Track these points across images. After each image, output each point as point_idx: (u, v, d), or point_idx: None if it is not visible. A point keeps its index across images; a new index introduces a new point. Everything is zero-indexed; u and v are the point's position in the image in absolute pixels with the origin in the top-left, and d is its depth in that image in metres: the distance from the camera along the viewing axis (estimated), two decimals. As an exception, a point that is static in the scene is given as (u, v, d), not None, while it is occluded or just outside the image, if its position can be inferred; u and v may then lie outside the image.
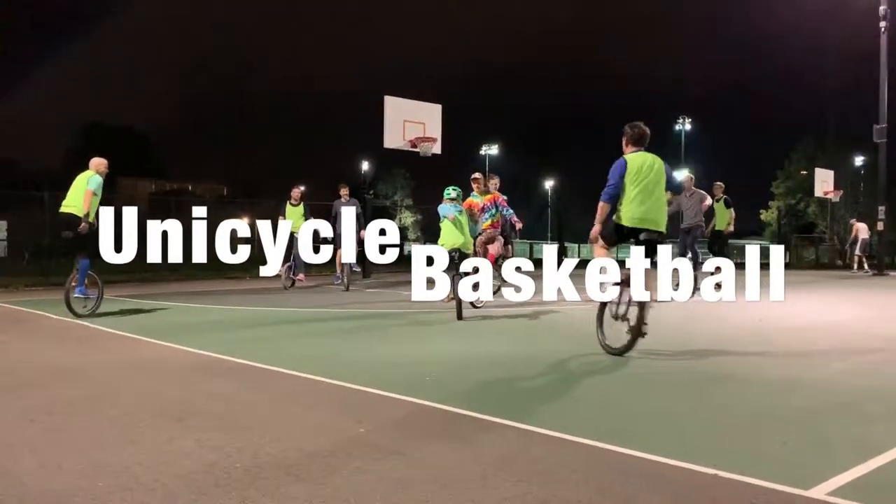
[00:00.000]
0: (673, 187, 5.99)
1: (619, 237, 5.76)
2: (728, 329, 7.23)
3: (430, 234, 32.30)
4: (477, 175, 9.78)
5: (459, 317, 7.65)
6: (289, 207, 12.57)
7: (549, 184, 58.25)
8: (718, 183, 12.42)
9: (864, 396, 4.12)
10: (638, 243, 5.56)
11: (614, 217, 5.81)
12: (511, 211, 10.22)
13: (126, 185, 45.86)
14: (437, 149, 15.51)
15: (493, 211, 9.67)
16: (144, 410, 3.84)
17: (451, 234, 8.35)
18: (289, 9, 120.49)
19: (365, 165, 62.16)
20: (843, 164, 39.60)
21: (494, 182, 10.30)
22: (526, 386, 4.53)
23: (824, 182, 26.19)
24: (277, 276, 11.77)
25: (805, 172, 39.51)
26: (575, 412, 3.84)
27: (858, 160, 44.11)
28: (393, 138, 15.04)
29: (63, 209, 7.87)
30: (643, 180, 5.60)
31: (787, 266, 29.82)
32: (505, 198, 10.39)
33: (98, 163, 8.16)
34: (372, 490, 2.60)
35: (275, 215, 12.10)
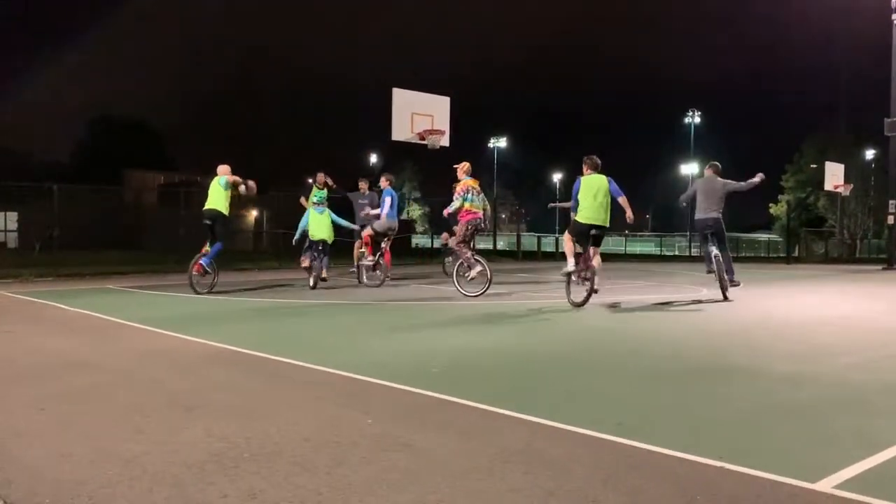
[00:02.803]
0: (613, 193, 8.43)
1: (578, 231, 8.55)
2: (735, 322, 7.21)
3: (437, 226, 32.26)
4: (462, 164, 10.38)
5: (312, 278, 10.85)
6: (314, 190, 12.28)
7: (556, 177, 58.04)
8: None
9: (872, 390, 4.12)
10: (589, 235, 8.41)
11: (575, 218, 8.52)
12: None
13: (135, 177, 45.90)
14: (445, 141, 15.41)
15: (467, 196, 10.07)
16: (153, 400, 3.87)
17: (321, 227, 10.93)
18: (299, 2, 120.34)
19: (373, 158, 62.29)
20: (853, 157, 39.35)
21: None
22: (532, 378, 4.54)
23: (834, 176, 25.95)
24: (304, 269, 11.33)
25: (815, 166, 39.21)
26: (581, 404, 3.84)
27: (869, 154, 43.82)
28: (401, 131, 14.96)
29: (206, 207, 10.22)
30: (590, 194, 8.36)
31: (797, 260, 29.73)
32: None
33: (223, 169, 10.37)
34: (379, 480, 2.61)
35: (281, 208, 12.09)
